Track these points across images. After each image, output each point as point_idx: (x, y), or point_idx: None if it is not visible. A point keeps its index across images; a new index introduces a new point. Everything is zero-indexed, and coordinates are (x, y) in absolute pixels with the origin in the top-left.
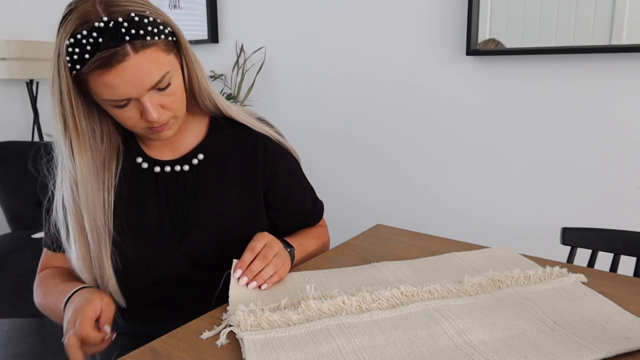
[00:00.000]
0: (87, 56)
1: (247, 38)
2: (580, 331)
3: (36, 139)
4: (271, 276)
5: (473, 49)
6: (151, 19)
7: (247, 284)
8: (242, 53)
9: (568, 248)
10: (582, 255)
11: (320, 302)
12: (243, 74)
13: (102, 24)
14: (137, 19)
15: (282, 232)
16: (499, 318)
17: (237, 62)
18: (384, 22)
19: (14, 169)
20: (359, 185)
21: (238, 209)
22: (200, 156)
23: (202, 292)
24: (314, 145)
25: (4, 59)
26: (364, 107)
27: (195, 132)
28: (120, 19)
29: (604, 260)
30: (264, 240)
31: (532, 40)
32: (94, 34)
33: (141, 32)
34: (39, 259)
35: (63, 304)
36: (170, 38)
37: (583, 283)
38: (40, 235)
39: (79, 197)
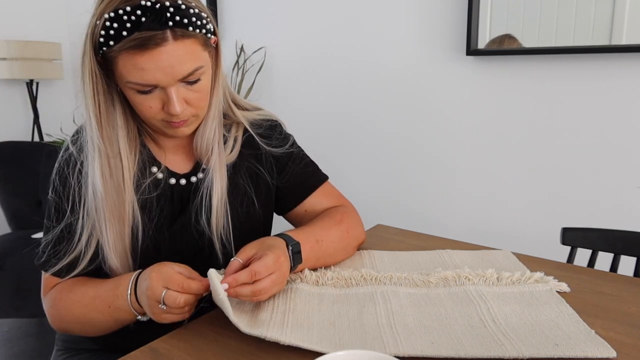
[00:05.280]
0: (124, 33)
1: (247, 38)
2: (512, 331)
3: (36, 139)
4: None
5: (473, 49)
6: (196, 10)
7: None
8: (242, 53)
9: (568, 248)
10: (582, 256)
11: (300, 274)
12: (243, 74)
13: (148, 3)
14: (183, 6)
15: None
16: (436, 309)
17: (237, 62)
18: (384, 23)
19: (14, 169)
20: (359, 185)
21: (254, 217)
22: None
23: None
24: (314, 145)
25: (4, 59)
26: (364, 107)
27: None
28: (167, 3)
29: (604, 260)
30: (271, 269)
31: (532, 40)
32: (138, 12)
33: (185, 20)
34: None
35: (129, 296)
36: (209, 35)
37: (564, 292)
38: (40, 235)
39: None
